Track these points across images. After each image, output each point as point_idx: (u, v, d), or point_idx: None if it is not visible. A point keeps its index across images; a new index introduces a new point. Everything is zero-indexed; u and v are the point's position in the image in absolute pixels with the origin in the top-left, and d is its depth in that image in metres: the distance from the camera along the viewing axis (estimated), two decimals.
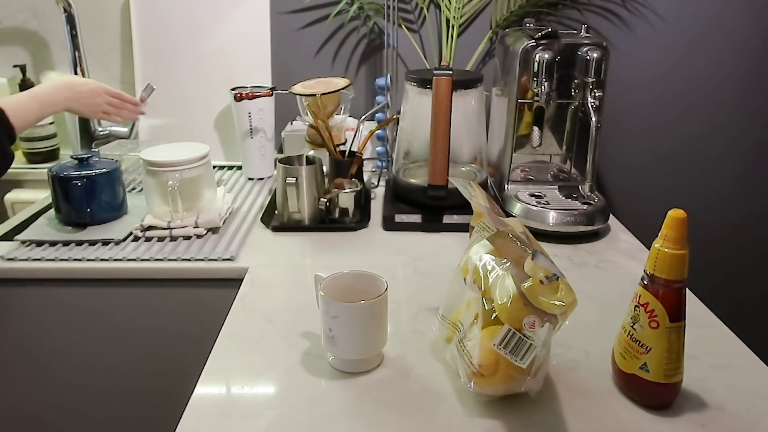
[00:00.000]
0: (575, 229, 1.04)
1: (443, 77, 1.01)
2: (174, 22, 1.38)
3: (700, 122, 1.46)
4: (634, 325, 0.62)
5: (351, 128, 1.25)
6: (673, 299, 0.59)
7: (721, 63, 1.41)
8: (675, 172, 1.50)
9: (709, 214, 1.50)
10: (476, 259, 0.64)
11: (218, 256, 0.97)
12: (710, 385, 0.66)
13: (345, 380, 0.67)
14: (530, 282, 0.56)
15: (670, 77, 1.43)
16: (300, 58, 1.45)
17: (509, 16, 1.32)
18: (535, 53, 1.05)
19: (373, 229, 1.10)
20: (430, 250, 1.02)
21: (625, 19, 1.39)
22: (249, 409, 0.63)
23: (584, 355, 0.72)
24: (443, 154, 1.04)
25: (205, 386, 0.67)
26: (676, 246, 0.57)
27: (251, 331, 0.77)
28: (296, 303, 0.85)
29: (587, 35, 1.09)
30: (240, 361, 0.71)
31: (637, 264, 0.96)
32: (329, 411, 0.63)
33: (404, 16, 1.40)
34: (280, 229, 1.09)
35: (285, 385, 0.67)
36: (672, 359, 0.60)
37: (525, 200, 1.09)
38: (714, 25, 1.39)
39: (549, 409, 0.63)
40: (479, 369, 0.60)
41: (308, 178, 1.07)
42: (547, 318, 0.57)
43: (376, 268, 0.96)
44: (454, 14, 1.33)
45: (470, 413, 0.62)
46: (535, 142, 1.14)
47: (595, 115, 1.03)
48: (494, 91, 1.28)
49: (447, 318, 0.69)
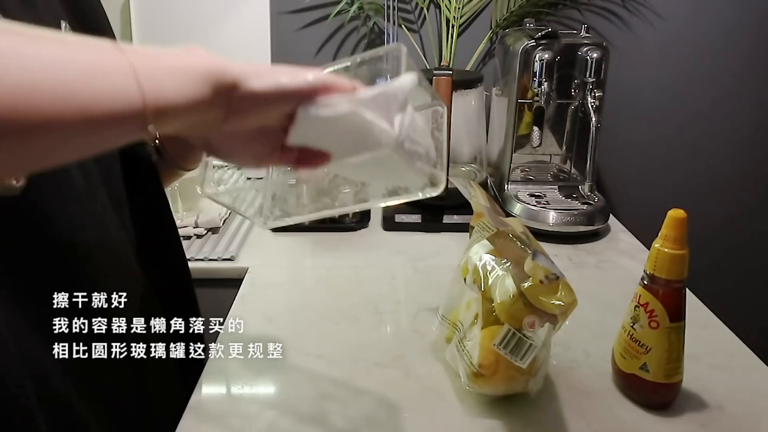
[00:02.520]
0: (575, 229, 1.04)
1: (443, 77, 1.01)
2: (174, 23, 1.38)
3: (700, 122, 1.46)
4: (634, 325, 0.62)
5: None
6: (673, 299, 0.59)
7: (722, 63, 1.41)
8: (675, 172, 1.50)
9: (709, 214, 1.50)
10: (476, 259, 0.64)
11: (218, 256, 0.97)
12: (710, 385, 0.66)
13: (345, 380, 0.67)
14: (530, 282, 0.56)
15: (670, 77, 1.42)
16: (300, 58, 1.45)
17: (509, 16, 1.32)
18: (535, 53, 1.05)
19: (373, 229, 1.10)
20: (430, 250, 1.02)
21: (625, 19, 1.38)
22: (249, 409, 0.63)
23: (584, 355, 0.72)
24: None
25: (205, 386, 0.67)
26: (676, 246, 0.57)
27: (251, 331, 0.77)
28: (296, 303, 0.85)
29: (587, 35, 1.09)
30: (240, 361, 0.71)
31: (637, 264, 0.96)
32: (329, 411, 0.63)
33: (404, 16, 1.40)
34: (280, 229, 1.09)
35: (285, 385, 0.67)
36: (672, 359, 0.60)
37: (525, 200, 1.09)
38: (714, 25, 1.39)
39: (549, 409, 0.63)
40: (479, 369, 0.60)
41: None
42: (547, 318, 0.57)
43: (376, 268, 0.97)
44: (454, 14, 1.33)
45: (470, 413, 0.62)
46: (535, 142, 1.14)
47: (595, 115, 1.03)
48: (494, 91, 1.28)
49: (447, 318, 0.69)
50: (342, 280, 0.92)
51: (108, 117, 0.33)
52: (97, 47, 0.35)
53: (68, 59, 0.32)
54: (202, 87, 0.37)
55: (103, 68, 0.33)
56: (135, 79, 0.34)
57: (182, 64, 0.36)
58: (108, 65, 0.34)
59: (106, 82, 0.33)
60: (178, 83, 0.36)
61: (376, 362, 0.71)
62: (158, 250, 0.64)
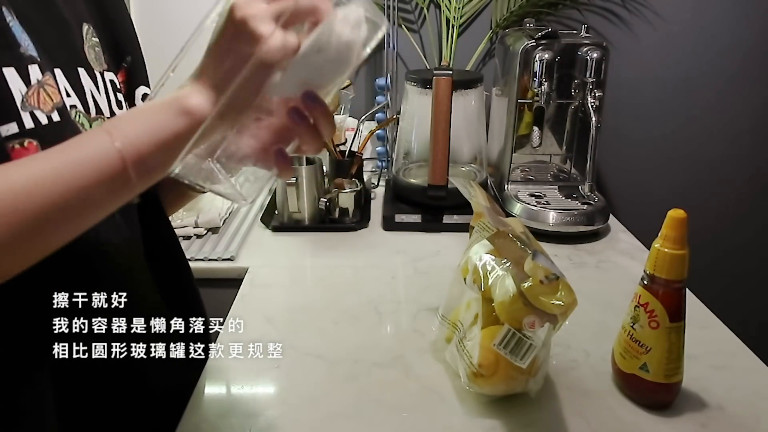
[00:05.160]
0: (575, 229, 1.04)
1: (443, 77, 1.01)
2: (174, 23, 1.38)
3: (700, 122, 1.46)
4: (634, 325, 0.62)
5: (351, 128, 1.25)
6: (673, 299, 0.59)
7: (722, 63, 1.41)
8: (675, 172, 1.50)
9: (709, 213, 1.50)
10: (476, 259, 0.64)
11: (218, 256, 0.97)
12: (710, 385, 0.66)
13: (345, 380, 0.67)
14: (530, 282, 0.56)
15: (670, 77, 1.42)
16: None
17: (509, 16, 1.32)
18: (535, 53, 1.05)
19: (373, 229, 1.10)
20: (430, 250, 1.02)
21: (625, 19, 1.38)
22: (249, 409, 0.63)
23: (584, 355, 0.72)
24: (443, 154, 1.04)
25: (205, 386, 0.67)
26: (676, 246, 0.57)
27: (251, 331, 0.77)
28: (296, 303, 0.85)
29: (587, 35, 1.09)
30: (240, 361, 0.71)
31: (637, 264, 0.96)
32: (329, 411, 0.63)
33: (404, 16, 1.40)
34: (280, 229, 1.09)
35: (285, 385, 0.67)
36: (672, 359, 0.60)
37: (525, 200, 1.09)
38: (714, 24, 1.39)
39: (549, 409, 0.63)
40: (479, 369, 0.60)
41: (308, 178, 1.07)
42: (547, 318, 0.57)
43: (376, 268, 0.96)
44: (454, 14, 1.33)
45: (470, 413, 0.62)
46: (535, 142, 1.14)
47: (595, 115, 1.03)
48: (494, 91, 1.28)
49: (447, 318, 0.69)
50: (342, 280, 0.92)
51: (97, 185, 0.40)
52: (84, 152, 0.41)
53: (62, 178, 0.39)
54: (171, 122, 0.41)
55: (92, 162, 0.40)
56: (120, 158, 0.40)
57: (158, 127, 0.41)
58: (98, 160, 0.40)
59: (93, 163, 0.40)
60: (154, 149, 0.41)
61: (376, 362, 0.71)
62: (161, 248, 0.64)
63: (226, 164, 0.44)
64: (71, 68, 0.51)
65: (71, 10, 0.53)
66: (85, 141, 0.41)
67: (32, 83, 0.45)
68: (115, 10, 0.61)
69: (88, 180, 0.40)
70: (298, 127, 0.44)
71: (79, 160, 0.40)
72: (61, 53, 0.50)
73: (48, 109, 0.46)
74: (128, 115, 0.45)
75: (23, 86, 0.44)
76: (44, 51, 0.47)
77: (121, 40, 0.61)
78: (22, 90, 0.44)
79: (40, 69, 0.46)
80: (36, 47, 0.46)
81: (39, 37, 0.47)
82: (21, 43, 0.45)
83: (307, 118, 0.44)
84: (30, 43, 0.46)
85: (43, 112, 0.46)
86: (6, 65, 0.44)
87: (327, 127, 0.45)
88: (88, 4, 0.56)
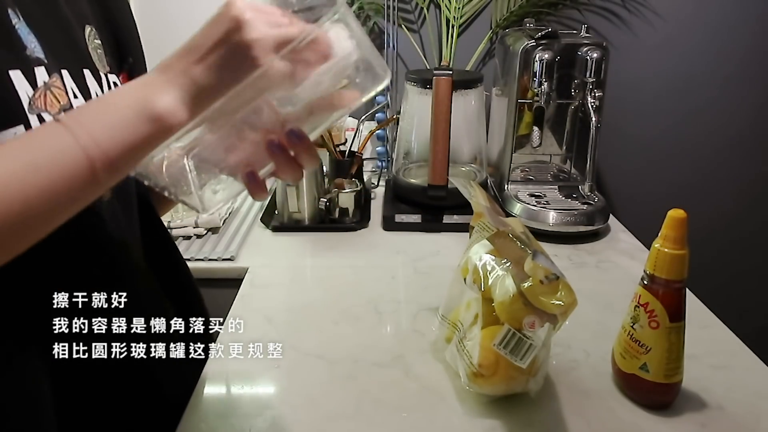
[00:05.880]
0: (575, 229, 1.04)
1: (443, 77, 1.01)
2: (175, 23, 1.38)
3: (700, 122, 1.46)
4: (634, 325, 0.62)
5: (351, 128, 1.25)
6: (673, 299, 0.59)
7: (722, 63, 1.41)
8: (675, 172, 1.50)
9: (708, 213, 1.50)
10: (476, 259, 0.64)
11: (218, 256, 0.97)
12: (710, 385, 0.66)
13: (345, 380, 0.67)
14: (530, 282, 0.56)
15: (670, 77, 1.42)
16: None
17: (509, 16, 1.32)
18: (535, 53, 1.05)
19: (373, 229, 1.10)
20: (430, 250, 1.02)
21: (625, 19, 1.38)
22: (249, 409, 0.63)
23: (584, 355, 0.72)
24: (443, 154, 1.04)
25: (205, 386, 0.67)
26: (676, 246, 0.57)
27: (251, 331, 0.77)
28: (296, 303, 0.85)
29: (587, 35, 1.09)
30: (240, 361, 0.71)
31: (637, 264, 0.96)
32: (329, 411, 0.63)
33: (404, 16, 1.40)
34: (280, 229, 1.09)
35: (285, 385, 0.67)
36: (672, 359, 0.60)
37: (525, 200, 1.09)
38: (714, 24, 1.39)
39: (549, 409, 0.63)
40: (479, 369, 0.60)
41: (308, 178, 1.07)
42: (547, 318, 0.57)
43: (376, 268, 0.96)
44: (454, 14, 1.33)
45: (470, 413, 0.62)
46: (535, 142, 1.14)
47: (595, 115, 1.03)
48: (494, 91, 1.28)
49: (447, 318, 0.69)
50: (342, 280, 0.92)
51: (66, 188, 0.39)
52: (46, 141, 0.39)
53: (29, 172, 0.38)
54: (141, 127, 0.39)
55: (56, 158, 0.39)
56: (82, 151, 0.38)
57: (118, 116, 0.40)
58: (61, 155, 0.39)
59: (60, 167, 0.38)
60: (117, 139, 0.39)
61: (376, 362, 0.71)
62: (159, 248, 0.64)
63: (199, 167, 0.43)
64: (77, 69, 0.50)
65: (74, 11, 0.52)
66: (47, 140, 0.39)
67: (39, 85, 0.45)
68: (119, 12, 0.61)
69: (55, 183, 0.38)
70: (276, 157, 0.43)
71: (44, 163, 0.38)
72: (68, 54, 0.50)
73: (55, 111, 0.46)
74: (92, 110, 0.42)
75: (30, 89, 0.44)
76: (51, 52, 0.47)
77: (124, 41, 0.61)
78: (28, 92, 0.44)
79: (47, 71, 0.46)
80: (42, 48, 0.46)
81: (45, 38, 0.47)
82: (27, 45, 0.45)
83: (287, 150, 0.43)
84: (37, 44, 0.46)
85: (51, 114, 0.45)
86: (12, 68, 0.43)
87: (308, 162, 0.44)
88: (92, 5, 0.56)
